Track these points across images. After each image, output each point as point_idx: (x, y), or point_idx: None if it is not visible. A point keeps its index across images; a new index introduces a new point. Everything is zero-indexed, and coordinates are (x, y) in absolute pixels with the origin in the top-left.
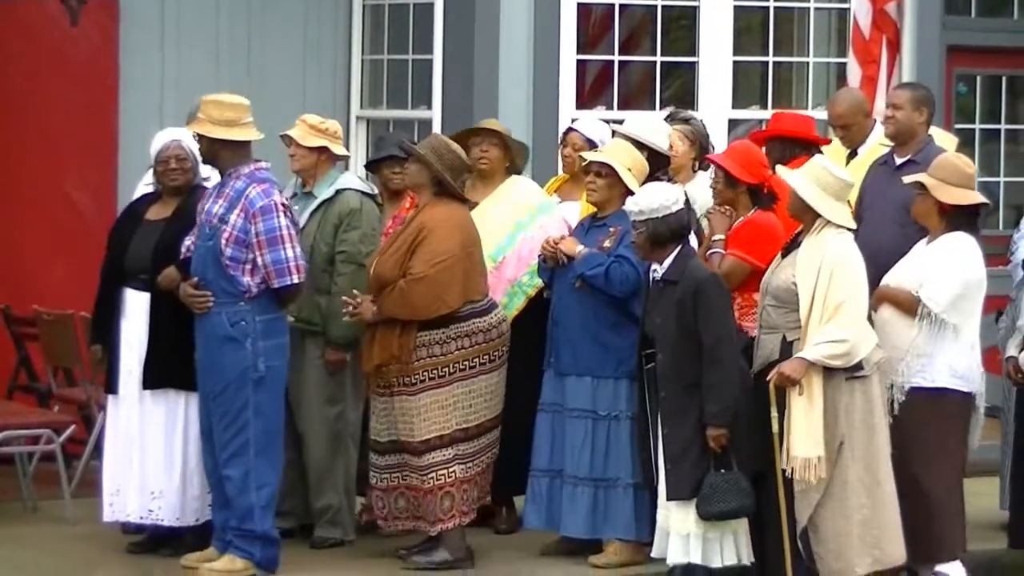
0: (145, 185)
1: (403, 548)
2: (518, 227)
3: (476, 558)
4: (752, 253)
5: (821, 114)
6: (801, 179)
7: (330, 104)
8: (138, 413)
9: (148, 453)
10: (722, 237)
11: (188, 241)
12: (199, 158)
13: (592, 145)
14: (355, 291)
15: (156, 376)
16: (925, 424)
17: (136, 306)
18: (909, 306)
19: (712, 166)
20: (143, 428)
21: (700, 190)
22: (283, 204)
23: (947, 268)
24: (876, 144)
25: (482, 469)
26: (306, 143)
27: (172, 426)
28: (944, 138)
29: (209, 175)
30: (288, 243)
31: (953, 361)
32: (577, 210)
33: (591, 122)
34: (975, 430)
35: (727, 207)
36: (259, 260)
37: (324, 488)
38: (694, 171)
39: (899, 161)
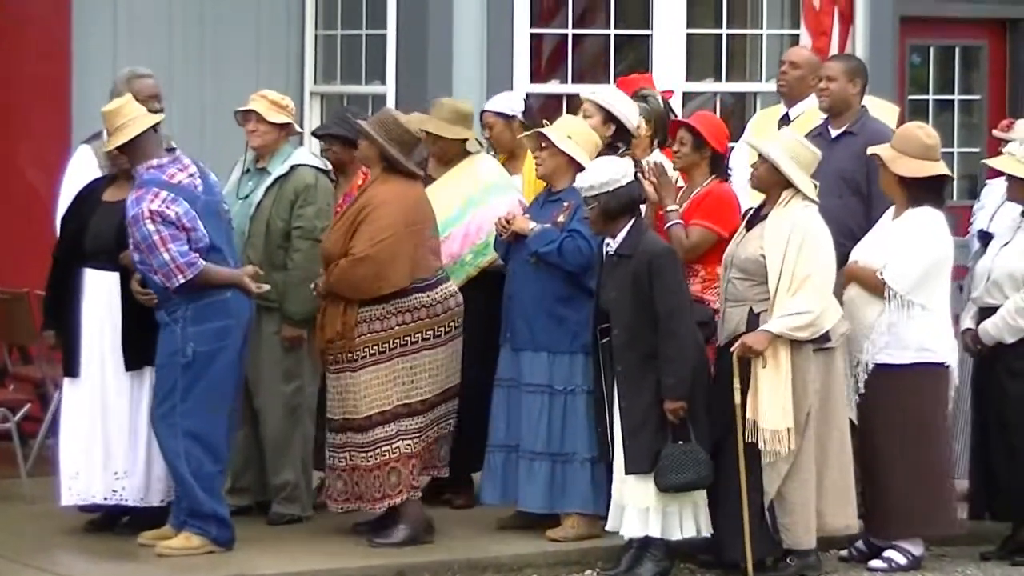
0: (99, 168)
1: (360, 524)
2: (468, 203)
3: (434, 534)
4: (718, 223)
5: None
6: (777, 151)
7: (283, 80)
8: (100, 394)
9: (112, 433)
10: (677, 208)
11: None
12: None
13: (506, 117)
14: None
15: (135, 356)
16: (899, 401)
17: (99, 287)
18: (874, 286)
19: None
20: (106, 408)
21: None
22: (151, 211)
23: (911, 247)
24: (809, 111)
25: (430, 442)
26: (271, 119)
27: (137, 405)
28: (884, 108)
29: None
30: (162, 248)
31: (923, 338)
32: (519, 183)
33: (500, 98)
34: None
35: (665, 172)
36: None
37: (281, 464)
38: (651, 148)
39: (835, 133)
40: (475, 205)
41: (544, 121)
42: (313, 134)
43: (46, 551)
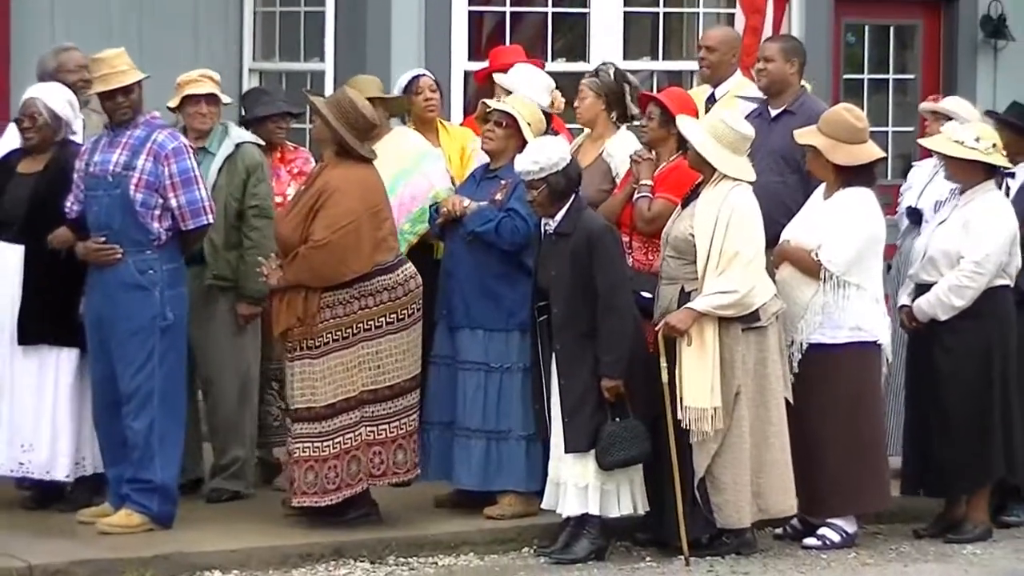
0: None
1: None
2: (398, 175)
3: (379, 514)
4: (680, 196)
5: None
6: (698, 131)
7: (223, 56)
8: (9, 367)
9: (18, 407)
10: (649, 182)
11: (70, 201)
12: (60, 115)
13: (439, 86)
14: (262, 259)
15: (31, 331)
16: (834, 380)
17: (8, 259)
18: (809, 267)
19: (637, 111)
20: (14, 382)
21: (622, 147)
22: (189, 146)
23: (844, 228)
24: (733, 89)
25: (403, 433)
26: (224, 100)
27: (43, 380)
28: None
29: (76, 130)
30: (201, 183)
31: (857, 318)
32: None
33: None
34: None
35: (652, 153)
36: (173, 202)
37: (232, 441)
38: (616, 125)
39: (774, 112)
40: (406, 176)
41: (503, 98)
42: (261, 115)
43: None
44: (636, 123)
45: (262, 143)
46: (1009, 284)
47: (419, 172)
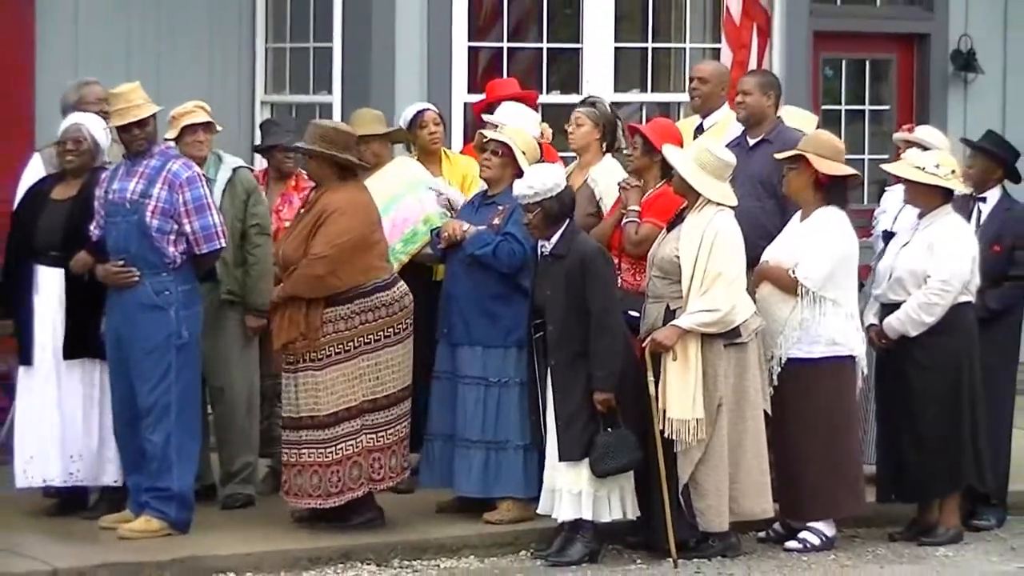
0: (45, 171)
1: (300, 515)
2: (392, 199)
3: (384, 519)
4: (666, 220)
5: None
6: (684, 159)
7: (235, 89)
8: (55, 382)
9: (67, 419)
10: (637, 208)
11: (93, 225)
12: (100, 143)
13: (442, 119)
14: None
15: (74, 347)
16: (811, 393)
17: (48, 281)
18: (787, 285)
19: (625, 141)
20: (61, 396)
21: (606, 173)
22: (201, 175)
23: (819, 246)
24: (721, 120)
25: (397, 439)
26: (217, 128)
27: (89, 393)
28: (804, 117)
29: (110, 159)
30: (213, 209)
31: (833, 332)
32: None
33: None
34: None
35: (639, 181)
36: (187, 227)
37: (242, 447)
38: (601, 153)
39: (752, 141)
40: (399, 199)
41: (499, 126)
42: (269, 144)
43: (10, 534)
44: (624, 152)
45: (251, 167)
46: (971, 300)
47: (413, 196)
